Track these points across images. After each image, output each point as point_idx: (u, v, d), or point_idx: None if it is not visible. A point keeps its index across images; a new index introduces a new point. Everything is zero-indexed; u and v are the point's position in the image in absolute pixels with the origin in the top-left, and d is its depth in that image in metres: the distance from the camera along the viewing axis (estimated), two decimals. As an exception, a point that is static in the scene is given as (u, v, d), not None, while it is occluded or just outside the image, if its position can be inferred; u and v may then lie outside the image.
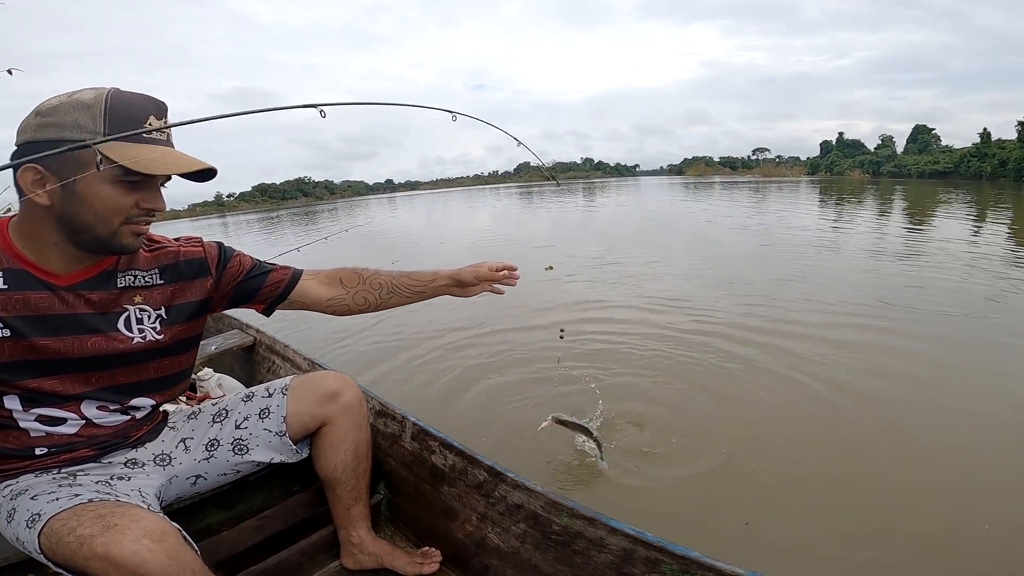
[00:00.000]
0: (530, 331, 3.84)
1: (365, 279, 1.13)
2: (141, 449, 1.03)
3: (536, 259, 7.02)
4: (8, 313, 0.82)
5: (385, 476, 1.42)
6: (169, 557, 0.74)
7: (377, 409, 1.47)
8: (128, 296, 0.92)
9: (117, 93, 0.81)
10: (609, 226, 12.04)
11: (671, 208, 17.13)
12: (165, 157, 0.82)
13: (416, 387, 3.02)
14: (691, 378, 2.89)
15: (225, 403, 1.15)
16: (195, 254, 1.00)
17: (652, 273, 5.94)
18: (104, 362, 0.90)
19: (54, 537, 0.76)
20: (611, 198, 25.32)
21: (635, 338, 3.56)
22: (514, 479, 1.13)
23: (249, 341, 2.28)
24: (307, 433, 1.15)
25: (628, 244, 8.51)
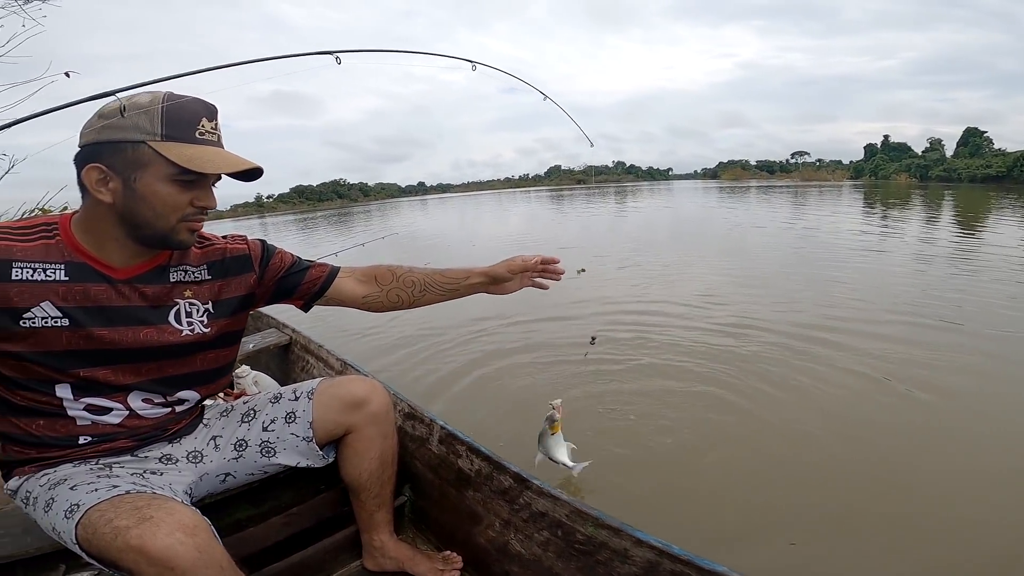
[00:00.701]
0: (561, 343, 3.82)
1: (399, 277, 1.15)
2: (176, 444, 1.06)
3: (567, 262, 6.98)
4: (68, 304, 0.86)
5: (411, 478, 1.43)
6: (199, 551, 0.76)
7: (406, 411, 1.49)
8: (179, 290, 0.97)
9: (172, 96, 0.86)
10: (641, 230, 11.88)
11: (705, 212, 16.77)
12: (216, 157, 0.87)
13: (447, 386, 3.05)
14: (722, 385, 2.83)
15: (254, 403, 1.17)
16: (240, 251, 1.05)
17: (685, 277, 5.85)
18: (154, 353, 0.95)
19: (91, 528, 0.78)
20: (643, 202, 24.96)
21: (669, 344, 3.51)
22: (540, 486, 1.13)
23: (285, 340, 2.35)
24: (333, 439, 1.16)
25: (660, 248, 8.36)
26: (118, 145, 0.83)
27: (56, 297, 0.86)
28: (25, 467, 0.93)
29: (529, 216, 20.29)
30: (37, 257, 0.85)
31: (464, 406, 2.76)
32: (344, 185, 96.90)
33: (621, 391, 2.81)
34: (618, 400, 2.71)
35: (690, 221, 13.91)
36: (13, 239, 0.84)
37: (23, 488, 0.94)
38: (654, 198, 29.27)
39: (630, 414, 2.57)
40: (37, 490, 0.90)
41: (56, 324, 0.86)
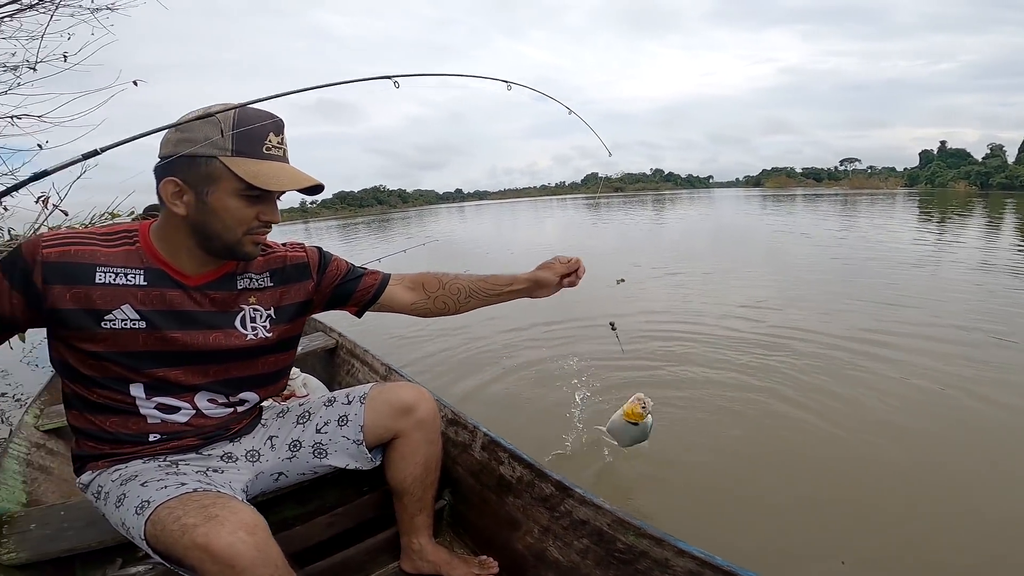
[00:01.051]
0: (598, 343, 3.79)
1: (445, 284, 1.18)
2: (237, 443, 1.10)
3: (605, 272, 6.92)
4: (146, 307, 0.91)
5: (451, 483, 1.45)
6: (259, 550, 0.79)
7: (449, 418, 1.51)
8: (244, 297, 1.01)
9: (243, 110, 0.89)
10: (681, 239, 11.67)
11: (748, 221, 16.33)
12: (282, 173, 0.90)
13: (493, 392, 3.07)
14: (771, 395, 2.75)
15: (309, 405, 1.21)
16: (300, 258, 1.09)
17: (727, 286, 5.71)
18: (221, 356, 0.99)
19: (160, 524, 0.81)
20: (682, 210, 24.54)
21: (713, 353, 3.43)
22: (582, 495, 1.13)
23: (331, 344, 2.42)
24: (381, 443, 1.19)
25: (701, 257, 8.20)
26: (193, 160, 0.86)
27: (135, 301, 0.90)
28: (98, 462, 0.98)
29: (565, 224, 20.25)
30: (119, 262, 0.90)
31: (503, 412, 2.76)
32: (384, 191, 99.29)
33: (667, 398, 2.77)
34: (664, 407, 2.66)
35: (732, 230, 13.56)
36: (98, 244, 0.89)
37: (95, 482, 0.98)
38: (694, 206, 28.73)
39: (676, 422, 2.53)
40: (109, 485, 0.95)
41: (134, 326, 0.91)
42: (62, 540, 1.14)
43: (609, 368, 3.24)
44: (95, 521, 1.15)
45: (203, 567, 0.77)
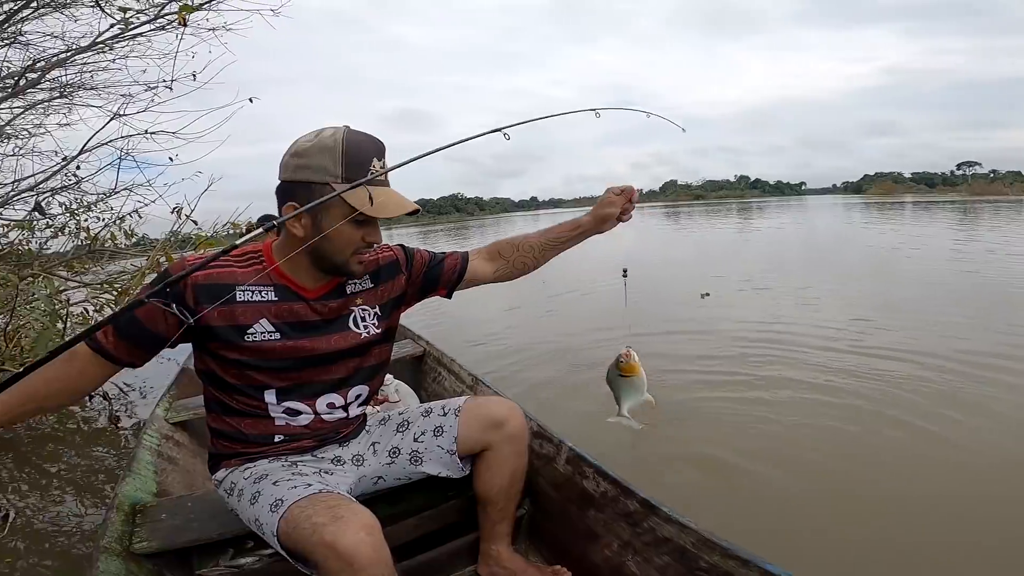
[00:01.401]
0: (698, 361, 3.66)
1: (518, 246, 1.27)
2: (345, 447, 1.19)
3: (688, 285, 6.68)
4: (278, 320, 1.02)
5: (531, 493, 1.46)
6: (375, 550, 0.85)
7: (535, 430, 1.53)
8: (353, 300, 1.11)
9: (350, 135, 0.95)
10: (770, 250, 10.97)
11: (848, 231, 15.07)
12: (388, 200, 0.96)
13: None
14: (878, 417, 2.52)
15: (408, 415, 1.28)
16: (389, 257, 1.18)
17: (825, 300, 5.29)
18: (341, 355, 1.09)
19: (292, 522, 0.89)
20: (771, 219, 23.11)
21: (812, 369, 3.20)
22: (668, 513, 1.12)
23: (419, 351, 2.52)
24: (472, 453, 1.24)
25: (793, 270, 7.63)
26: (308, 186, 0.94)
27: (270, 315, 1.01)
28: (231, 460, 1.09)
29: (642, 232, 19.76)
30: (255, 282, 1.00)
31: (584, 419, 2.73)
32: (462, 199, 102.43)
33: (755, 415, 2.64)
34: (751, 424, 2.54)
35: (829, 241, 12.57)
36: (234, 266, 0.99)
37: (228, 479, 1.08)
38: (783, 215, 26.97)
39: (773, 436, 2.42)
40: (241, 482, 1.05)
41: (271, 338, 1.01)
42: (187, 531, 1.24)
43: (695, 384, 3.13)
44: (216, 514, 1.26)
45: (327, 564, 0.83)
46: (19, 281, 2.25)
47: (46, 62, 2.63)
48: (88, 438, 3.03)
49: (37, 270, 2.53)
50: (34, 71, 2.61)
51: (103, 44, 2.52)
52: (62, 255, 3.06)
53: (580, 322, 4.76)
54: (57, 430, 3.11)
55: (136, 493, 1.44)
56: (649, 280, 7.06)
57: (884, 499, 1.97)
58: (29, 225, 2.77)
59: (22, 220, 2.76)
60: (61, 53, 2.65)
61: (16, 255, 2.85)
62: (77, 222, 2.96)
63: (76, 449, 2.84)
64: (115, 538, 1.20)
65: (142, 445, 1.73)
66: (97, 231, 2.98)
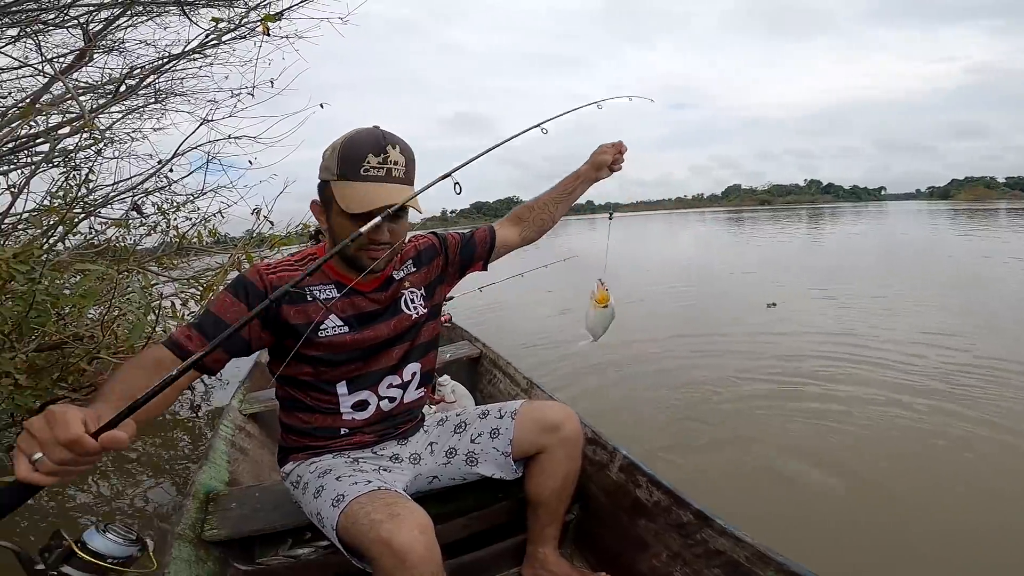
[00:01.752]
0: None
1: (533, 207, 1.36)
2: (404, 445, 1.23)
3: (754, 292, 6.40)
4: (344, 314, 1.07)
5: (581, 498, 1.45)
6: (427, 549, 0.87)
7: (589, 436, 1.52)
8: (402, 284, 1.16)
9: (354, 134, 0.97)
10: (843, 258, 10.28)
11: (933, 238, 13.90)
12: (365, 196, 0.94)
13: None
14: (967, 435, 2.33)
15: (465, 416, 1.31)
16: (426, 242, 1.25)
17: (905, 312, 4.93)
18: (399, 338, 1.15)
19: (352, 517, 0.92)
20: (845, 226, 21.69)
21: (893, 384, 2.97)
22: (722, 525, 1.09)
23: (475, 353, 2.55)
24: (525, 456, 1.25)
25: (868, 279, 7.08)
26: (321, 184, 1.01)
27: (337, 310, 1.07)
28: (299, 454, 1.15)
29: (705, 238, 19.11)
30: (318, 281, 1.06)
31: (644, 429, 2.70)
32: (517, 202, 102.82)
33: (827, 429, 2.53)
34: (821, 440, 2.43)
35: (910, 249, 11.63)
36: (300, 269, 1.04)
37: (295, 472, 1.14)
38: (860, 222, 25.27)
39: (841, 448, 2.33)
40: (307, 476, 1.09)
41: (341, 332, 1.07)
42: (254, 520, 1.31)
43: (755, 396, 3.01)
44: (279, 504, 1.32)
45: (381, 559, 0.86)
46: (117, 274, 2.48)
47: (142, 69, 2.89)
48: (171, 425, 3.25)
49: (132, 265, 2.78)
50: (132, 77, 2.86)
51: (197, 51, 2.73)
52: (152, 251, 3.35)
53: (630, 332, 4.65)
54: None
55: (211, 482, 1.52)
56: (711, 288, 6.82)
57: (957, 530, 1.81)
58: (125, 223, 3.05)
59: (119, 219, 3.04)
60: (155, 60, 2.91)
61: (112, 251, 3.15)
62: (167, 221, 3.26)
63: (160, 435, 3.06)
64: (189, 525, 1.27)
65: (219, 435, 1.80)
66: (185, 230, 3.25)
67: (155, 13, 2.71)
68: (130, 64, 2.95)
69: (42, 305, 1.95)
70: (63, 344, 2.42)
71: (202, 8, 2.56)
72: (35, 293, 1.86)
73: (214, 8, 2.56)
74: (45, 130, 2.39)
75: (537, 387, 2.00)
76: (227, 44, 2.80)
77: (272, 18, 2.14)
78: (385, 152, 0.96)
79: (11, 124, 2.35)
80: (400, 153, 0.97)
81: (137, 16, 2.72)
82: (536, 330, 4.91)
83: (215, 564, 1.22)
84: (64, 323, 2.49)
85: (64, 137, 2.38)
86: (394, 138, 0.97)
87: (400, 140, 0.98)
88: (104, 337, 2.44)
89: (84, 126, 2.00)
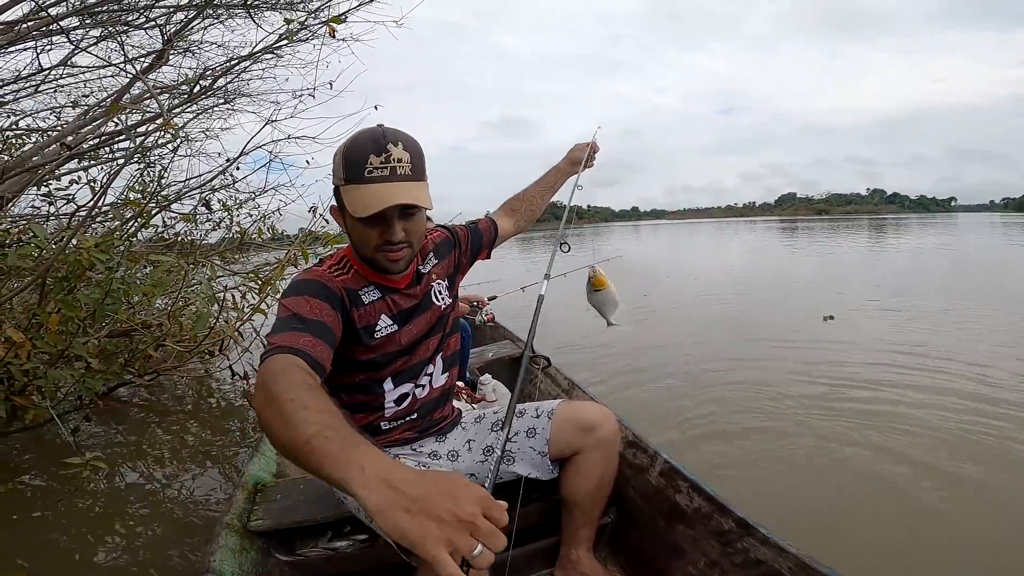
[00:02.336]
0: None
1: (523, 200, 1.46)
2: (442, 442, 1.24)
3: (809, 304, 6.15)
4: (391, 313, 1.09)
5: (619, 502, 1.44)
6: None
7: (629, 439, 1.51)
8: (430, 277, 1.18)
9: (355, 136, 0.95)
10: (908, 272, 9.66)
11: (1009, 252, 12.91)
12: (373, 198, 0.92)
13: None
14: None
15: (503, 414, 1.28)
16: (440, 235, 1.27)
17: (972, 330, 4.59)
18: (434, 329, 1.17)
19: None
20: (911, 238, 20.44)
21: (969, 410, 2.79)
22: (765, 535, 1.07)
23: (517, 353, 2.57)
24: (561, 457, 1.24)
25: (936, 294, 6.62)
26: (334, 190, 1.01)
27: (386, 310, 1.08)
28: None
29: (755, 247, 18.46)
30: (360, 286, 1.06)
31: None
32: (560, 206, 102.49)
33: (886, 450, 2.38)
34: (879, 467, 2.29)
35: (983, 264, 10.85)
36: (342, 275, 1.04)
37: None
38: (927, 234, 23.75)
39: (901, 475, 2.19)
40: None
41: (391, 330, 1.08)
42: (296, 512, 1.35)
43: (814, 411, 2.88)
44: (322, 497, 1.36)
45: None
46: (187, 265, 2.63)
47: (212, 70, 3.06)
48: (223, 415, 3.37)
49: (199, 258, 2.95)
50: (205, 78, 3.01)
51: (269, 50, 2.87)
52: (214, 247, 3.54)
53: (675, 335, 4.55)
54: (200, 406, 3.52)
55: (260, 473, 1.57)
56: (761, 300, 6.58)
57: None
58: (193, 218, 3.25)
59: (187, 213, 3.24)
60: (224, 63, 3.09)
61: (180, 245, 3.36)
62: (231, 217, 3.45)
63: (212, 424, 3.17)
64: (236, 515, 1.32)
65: None
66: (247, 227, 3.43)
67: (224, 16, 2.88)
68: (203, 65, 3.14)
69: (117, 293, 2.09)
70: (132, 331, 2.58)
71: (266, 11, 2.71)
72: (112, 281, 2.00)
73: (277, 11, 2.70)
74: (125, 128, 2.58)
75: (578, 387, 1.99)
76: (291, 46, 2.94)
77: (338, 20, 2.24)
78: (387, 151, 0.92)
79: (96, 121, 2.55)
80: (403, 149, 0.94)
81: (208, 19, 2.89)
82: (573, 331, 4.85)
83: (258, 554, 1.26)
84: (133, 312, 2.66)
85: (143, 135, 2.56)
86: (396, 134, 0.95)
87: (403, 135, 0.96)
88: (170, 326, 2.58)
89: (164, 125, 2.15)
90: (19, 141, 2.81)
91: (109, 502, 2.22)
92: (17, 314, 2.33)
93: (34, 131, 3.07)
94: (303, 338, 0.85)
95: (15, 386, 2.04)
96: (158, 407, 3.47)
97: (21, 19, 2.08)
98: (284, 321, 0.90)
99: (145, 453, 2.74)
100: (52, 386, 2.09)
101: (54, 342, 1.97)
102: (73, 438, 2.29)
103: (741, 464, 2.36)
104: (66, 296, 1.94)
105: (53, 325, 1.89)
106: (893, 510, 1.98)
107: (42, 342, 1.97)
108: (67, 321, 2.00)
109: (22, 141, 2.81)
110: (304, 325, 0.88)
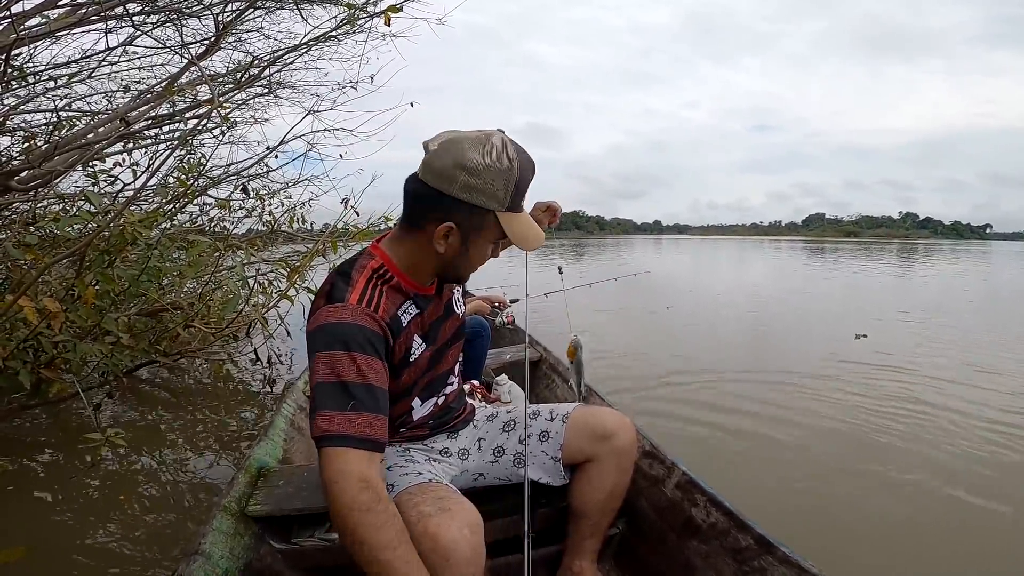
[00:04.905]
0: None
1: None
2: (454, 439, 1.20)
3: (839, 324, 6.05)
4: (422, 330, 1.01)
5: (629, 513, 1.39)
6: (472, 550, 0.85)
7: (646, 449, 1.47)
8: (450, 286, 1.10)
9: (521, 159, 0.88)
10: (940, 297, 9.38)
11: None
12: (528, 232, 0.92)
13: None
14: None
15: (516, 414, 1.26)
16: None
17: (1006, 356, 4.46)
18: (455, 338, 1.13)
19: (400, 508, 0.85)
20: (943, 264, 19.76)
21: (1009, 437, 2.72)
22: (786, 554, 1.02)
23: (535, 356, 2.53)
24: (575, 463, 1.20)
25: (968, 322, 6.40)
26: (474, 208, 0.86)
27: (418, 329, 1.00)
28: None
29: (779, 266, 18.09)
30: (400, 304, 0.96)
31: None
32: (582, 217, 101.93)
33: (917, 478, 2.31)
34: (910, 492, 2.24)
35: (1019, 293, 10.50)
36: (379, 296, 0.92)
37: None
38: (960, 260, 23.01)
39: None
40: None
41: (423, 350, 1.01)
42: (295, 500, 1.29)
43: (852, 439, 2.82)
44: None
45: (426, 554, 0.81)
46: (222, 248, 2.68)
47: (259, 60, 3.12)
48: (240, 401, 3.37)
49: (232, 242, 3.02)
50: (254, 67, 3.07)
51: (323, 39, 2.92)
52: (245, 234, 3.61)
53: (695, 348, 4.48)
54: (218, 391, 3.52)
55: (264, 457, 1.53)
56: (780, 326, 6.44)
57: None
58: (228, 204, 3.32)
59: (224, 199, 3.31)
60: (270, 53, 3.16)
61: (213, 230, 3.43)
62: (263, 206, 3.52)
63: (228, 409, 3.17)
64: (235, 498, 1.26)
65: (280, 413, 1.80)
66: (279, 216, 3.50)
67: (275, 7, 2.95)
68: (251, 55, 3.21)
69: (152, 271, 2.14)
70: (162, 311, 2.63)
71: (315, 5, 2.77)
72: (150, 258, 2.05)
73: (328, 3, 2.75)
74: (174, 112, 2.65)
75: (596, 394, 1.95)
76: (337, 40, 2.98)
77: (395, 9, 2.25)
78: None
79: (150, 103, 2.63)
80: None
81: (260, 9, 2.96)
82: (593, 341, 4.80)
83: (251, 539, 1.22)
84: (163, 292, 2.73)
85: (191, 120, 2.62)
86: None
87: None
88: (200, 308, 2.63)
89: (213, 109, 2.20)
90: (70, 123, 2.91)
91: (117, 484, 2.21)
92: (53, 286, 2.39)
93: (86, 113, 3.17)
94: (358, 419, 0.79)
95: (42, 358, 2.06)
96: (178, 389, 3.51)
97: (87, 1, 2.14)
98: (330, 391, 0.81)
99: (159, 435, 2.74)
100: (80, 360, 2.10)
101: (87, 315, 2.00)
102: (95, 412, 2.29)
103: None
104: (105, 270, 1.97)
105: (90, 298, 1.91)
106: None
107: (75, 315, 1.99)
108: (103, 295, 2.05)
109: (73, 123, 2.91)
110: (356, 400, 0.81)
